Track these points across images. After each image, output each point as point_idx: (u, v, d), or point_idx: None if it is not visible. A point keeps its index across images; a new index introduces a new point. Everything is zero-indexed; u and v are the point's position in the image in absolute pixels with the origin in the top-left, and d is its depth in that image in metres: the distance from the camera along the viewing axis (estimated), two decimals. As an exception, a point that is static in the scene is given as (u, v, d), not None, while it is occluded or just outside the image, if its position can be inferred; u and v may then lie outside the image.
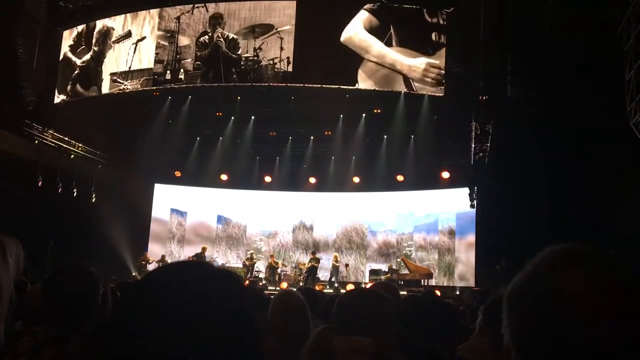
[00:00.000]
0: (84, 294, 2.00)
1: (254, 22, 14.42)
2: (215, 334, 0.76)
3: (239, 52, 14.37)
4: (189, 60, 14.55)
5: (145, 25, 14.47)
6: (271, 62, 14.13)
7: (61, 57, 14.81)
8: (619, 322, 0.72)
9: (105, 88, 14.55)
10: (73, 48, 14.81)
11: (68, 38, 14.90)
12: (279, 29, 13.98)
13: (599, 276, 0.75)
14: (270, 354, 2.37)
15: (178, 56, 14.54)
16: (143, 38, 14.38)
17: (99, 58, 14.58)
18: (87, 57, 14.62)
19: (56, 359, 1.86)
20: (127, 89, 14.29)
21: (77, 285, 2.01)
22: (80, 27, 14.87)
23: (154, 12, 14.48)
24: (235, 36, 14.35)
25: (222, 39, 14.33)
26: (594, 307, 0.73)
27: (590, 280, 0.75)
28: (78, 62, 14.64)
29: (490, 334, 2.07)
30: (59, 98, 14.94)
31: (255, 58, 14.24)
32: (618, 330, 0.72)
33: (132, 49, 14.37)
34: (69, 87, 14.78)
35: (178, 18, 14.65)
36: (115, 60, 14.54)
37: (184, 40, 14.63)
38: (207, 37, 14.41)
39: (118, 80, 14.40)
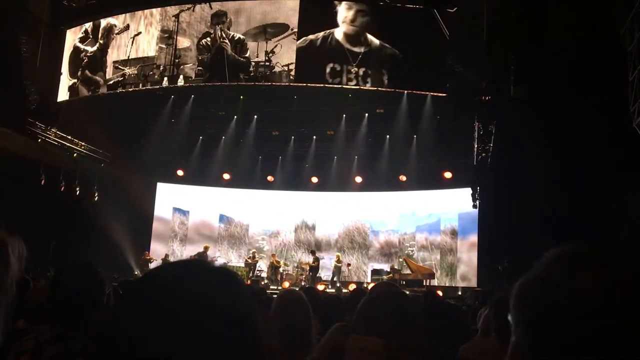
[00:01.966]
0: (89, 293, 2.01)
1: (265, 21, 13.03)
2: (214, 333, 0.76)
3: (246, 55, 13.04)
4: (190, 65, 13.56)
5: (141, 22, 14.41)
6: (286, 68, 12.79)
7: (72, 47, 15.03)
8: (628, 322, 0.73)
9: (109, 74, 14.62)
10: (82, 40, 15.01)
11: (78, 32, 15.14)
12: (295, 30, 12.75)
13: (609, 277, 0.77)
14: (271, 354, 2.37)
15: (177, 60, 13.58)
16: (139, 33, 14.31)
17: (103, 49, 14.67)
18: (94, 48, 14.77)
19: (59, 357, 1.86)
20: (126, 73, 14.22)
21: (83, 284, 2.02)
22: (88, 24, 14.97)
23: (148, 11, 14.33)
24: (242, 36, 13.15)
25: (226, 41, 13.08)
26: (604, 306, 0.74)
27: (601, 280, 0.77)
28: (87, 51, 14.83)
29: (498, 332, 2.06)
30: (70, 81, 14.98)
31: (267, 63, 12.84)
32: (628, 329, 0.73)
33: (130, 41, 14.37)
34: (79, 73, 14.89)
35: (177, 16, 13.66)
36: (117, 50, 14.64)
37: (183, 42, 13.64)
38: (209, 38, 13.32)
39: (119, 67, 14.44)
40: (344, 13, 12.73)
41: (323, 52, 12.77)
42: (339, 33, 12.74)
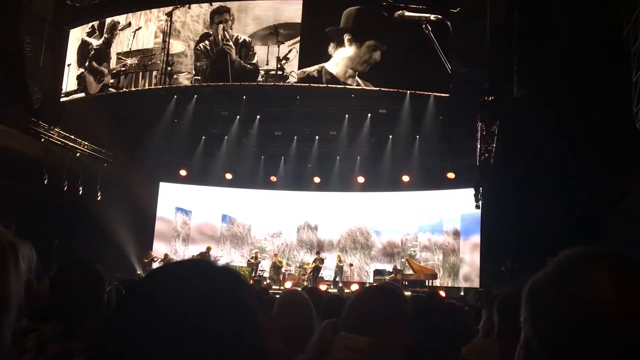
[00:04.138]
0: (90, 291, 2.02)
1: (277, 20, 11.23)
2: (219, 332, 0.76)
3: (254, 62, 11.35)
4: (185, 73, 12.28)
5: (141, 18, 14.49)
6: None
7: (79, 40, 15.24)
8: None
9: (113, 64, 14.76)
10: (89, 34, 15.20)
11: (85, 28, 15.38)
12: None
13: (624, 276, 0.78)
14: (274, 354, 2.38)
15: (169, 68, 12.21)
16: (139, 28, 14.38)
17: (108, 42, 14.82)
18: (100, 41, 14.94)
19: (61, 356, 1.86)
20: (128, 64, 14.35)
21: (84, 283, 2.02)
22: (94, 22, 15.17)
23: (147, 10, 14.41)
24: (248, 39, 11.52)
25: (230, 43, 11.45)
26: (618, 305, 0.75)
27: (618, 279, 0.77)
28: (93, 44, 15.03)
29: (503, 330, 2.03)
30: (78, 71, 15.12)
31: (280, 72, 11.19)
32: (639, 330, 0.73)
33: (132, 35, 14.48)
34: (87, 63, 15.06)
35: (170, 14, 12.24)
36: (120, 43, 14.77)
37: (177, 46, 12.41)
38: (207, 41, 11.92)
39: (122, 58, 14.55)
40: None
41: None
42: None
